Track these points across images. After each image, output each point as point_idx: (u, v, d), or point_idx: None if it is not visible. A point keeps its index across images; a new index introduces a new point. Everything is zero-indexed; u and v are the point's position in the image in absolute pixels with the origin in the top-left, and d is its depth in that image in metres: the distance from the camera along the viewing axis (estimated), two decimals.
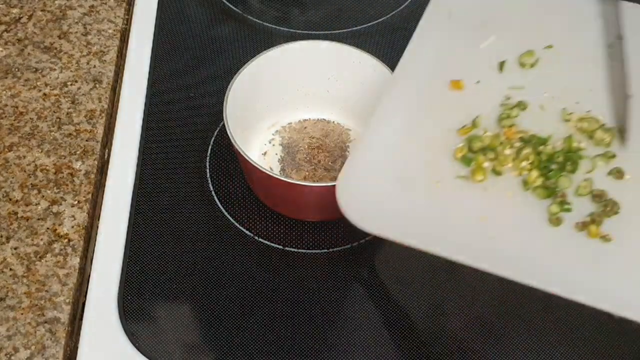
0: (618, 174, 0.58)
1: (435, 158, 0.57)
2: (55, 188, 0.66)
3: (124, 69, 0.79)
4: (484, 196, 0.55)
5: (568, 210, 0.55)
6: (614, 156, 0.59)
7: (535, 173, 0.57)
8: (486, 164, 0.57)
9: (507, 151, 0.58)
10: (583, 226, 0.54)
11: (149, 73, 0.79)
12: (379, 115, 0.59)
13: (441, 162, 0.57)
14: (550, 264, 0.52)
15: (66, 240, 0.63)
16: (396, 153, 0.57)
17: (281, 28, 0.85)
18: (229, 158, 0.72)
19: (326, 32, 0.84)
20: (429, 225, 0.53)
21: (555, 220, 0.54)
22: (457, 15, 0.66)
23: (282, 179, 0.62)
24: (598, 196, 0.56)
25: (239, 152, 0.62)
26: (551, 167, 0.57)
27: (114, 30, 0.80)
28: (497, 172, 0.57)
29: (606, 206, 0.55)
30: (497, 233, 0.53)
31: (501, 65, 0.64)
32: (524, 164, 0.57)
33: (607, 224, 0.54)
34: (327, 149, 0.71)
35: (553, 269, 0.51)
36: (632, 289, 0.50)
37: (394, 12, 0.86)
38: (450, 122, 0.60)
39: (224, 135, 0.65)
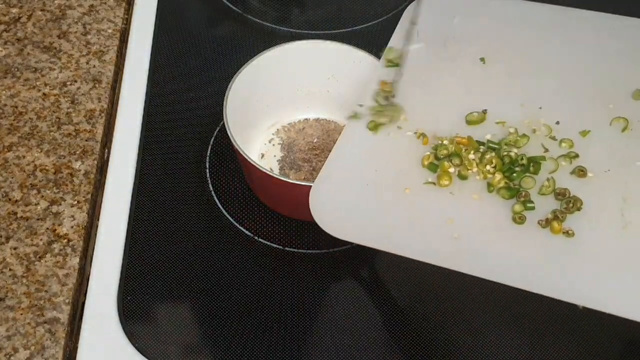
0: (581, 172, 0.60)
1: (404, 166, 0.60)
2: (54, 188, 0.66)
3: (123, 68, 0.79)
4: (451, 199, 0.58)
5: (531, 208, 0.57)
6: (577, 156, 0.60)
7: (498, 176, 0.59)
8: (452, 170, 0.60)
9: (472, 156, 0.60)
10: (546, 223, 0.56)
11: (149, 73, 0.79)
12: (352, 127, 0.63)
13: (410, 170, 0.60)
14: (514, 261, 0.54)
15: (66, 240, 0.63)
16: (367, 163, 0.60)
17: (281, 28, 0.84)
18: (229, 158, 0.72)
19: (326, 32, 0.84)
20: (397, 229, 0.56)
21: (519, 219, 0.56)
22: (423, 32, 0.70)
23: (281, 178, 0.61)
24: (561, 194, 0.58)
25: (239, 152, 0.61)
26: (515, 169, 0.59)
27: (114, 30, 0.80)
28: (462, 177, 0.59)
29: (569, 203, 0.57)
30: (463, 234, 0.55)
31: None
32: (488, 167, 0.60)
33: (570, 220, 0.56)
34: (327, 149, 0.70)
35: (517, 265, 0.54)
36: (593, 281, 0.52)
37: (394, 12, 0.86)
38: (419, 139, 0.63)
39: (224, 135, 0.65)
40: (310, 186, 0.59)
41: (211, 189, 0.70)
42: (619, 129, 0.62)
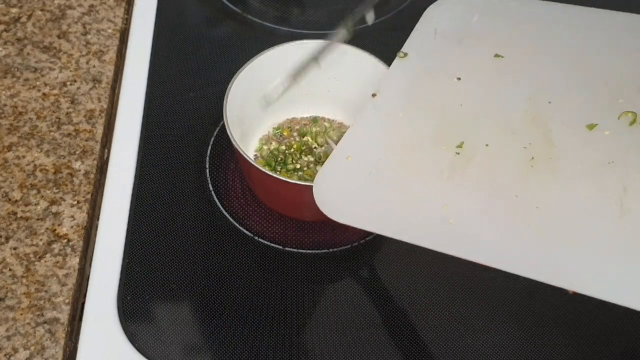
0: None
1: (405, 156, 0.61)
2: (54, 188, 0.66)
3: (123, 68, 0.79)
4: (448, 187, 0.59)
5: None
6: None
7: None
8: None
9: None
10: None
11: (149, 73, 0.79)
12: (361, 120, 0.63)
13: (410, 159, 0.61)
14: (506, 246, 0.54)
15: (65, 240, 0.63)
16: (372, 153, 0.61)
17: (281, 28, 0.84)
18: (229, 158, 0.72)
19: (326, 32, 0.83)
20: (397, 215, 0.57)
21: None
22: (441, 33, 0.71)
23: (281, 178, 0.61)
24: None
25: (238, 152, 0.61)
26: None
27: (114, 30, 0.80)
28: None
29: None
30: (457, 219, 0.56)
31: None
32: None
33: (567, 207, 0.56)
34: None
35: (509, 250, 0.54)
36: (585, 266, 0.52)
37: (394, 12, 0.86)
38: (427, 129, 0.63)
39: (224, 135, 0.65)
40: (311, 186, 0.59)
41: (211, 189, 0.70)
42: (626, 123, 0.62)
